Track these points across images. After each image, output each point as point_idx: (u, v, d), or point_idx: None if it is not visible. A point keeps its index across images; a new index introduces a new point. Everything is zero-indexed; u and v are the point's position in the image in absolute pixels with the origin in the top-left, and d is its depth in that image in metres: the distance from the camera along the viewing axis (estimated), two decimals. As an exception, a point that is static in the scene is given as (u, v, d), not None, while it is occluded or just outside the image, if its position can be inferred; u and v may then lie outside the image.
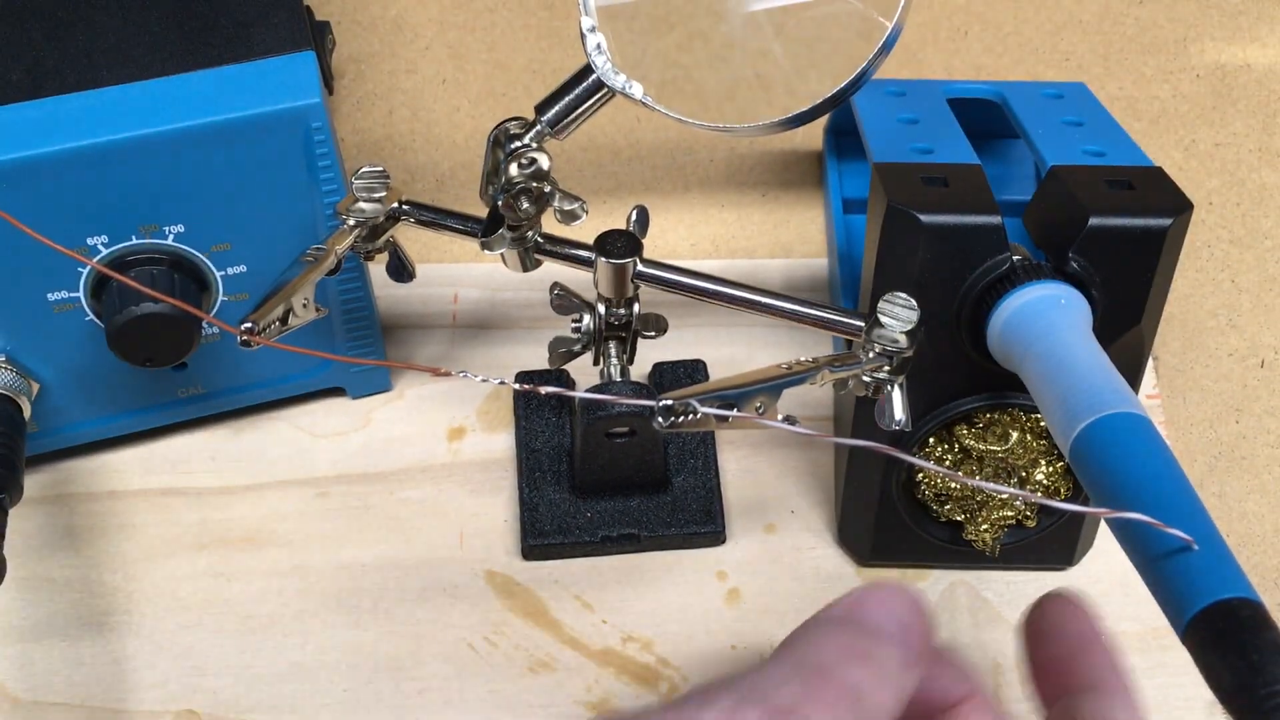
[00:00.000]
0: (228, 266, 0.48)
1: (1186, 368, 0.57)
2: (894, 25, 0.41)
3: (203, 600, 0.50)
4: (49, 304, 0.47)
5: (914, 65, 0.68)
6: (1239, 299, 0.59)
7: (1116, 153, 0.46)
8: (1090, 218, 0.41)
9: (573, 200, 0.44)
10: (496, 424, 0.55)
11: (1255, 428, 0.56)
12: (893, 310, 0.42)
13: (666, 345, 0.55)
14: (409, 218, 0.47)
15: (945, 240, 0.42)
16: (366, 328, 0.53)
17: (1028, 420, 0.46)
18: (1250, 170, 0.64)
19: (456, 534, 0.52)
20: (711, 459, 0.53)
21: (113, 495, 0.52)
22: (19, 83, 0.45)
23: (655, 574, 0.51)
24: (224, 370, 0.52)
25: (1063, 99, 0.51)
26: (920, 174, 0.44)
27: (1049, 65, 0.68)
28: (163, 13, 0.48)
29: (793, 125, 0.42)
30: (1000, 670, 0.48)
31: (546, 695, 0.47)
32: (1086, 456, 0.35)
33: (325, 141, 0.46)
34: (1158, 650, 0.49)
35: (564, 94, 0.44)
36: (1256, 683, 0.28)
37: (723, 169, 0.64)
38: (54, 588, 0.50)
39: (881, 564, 0.51)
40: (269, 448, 0.54)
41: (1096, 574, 0.51)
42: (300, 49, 0.47)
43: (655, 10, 0.44)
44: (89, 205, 0.45)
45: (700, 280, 0.45)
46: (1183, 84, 0.67)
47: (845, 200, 0.60)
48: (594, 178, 0.64)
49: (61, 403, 0.50)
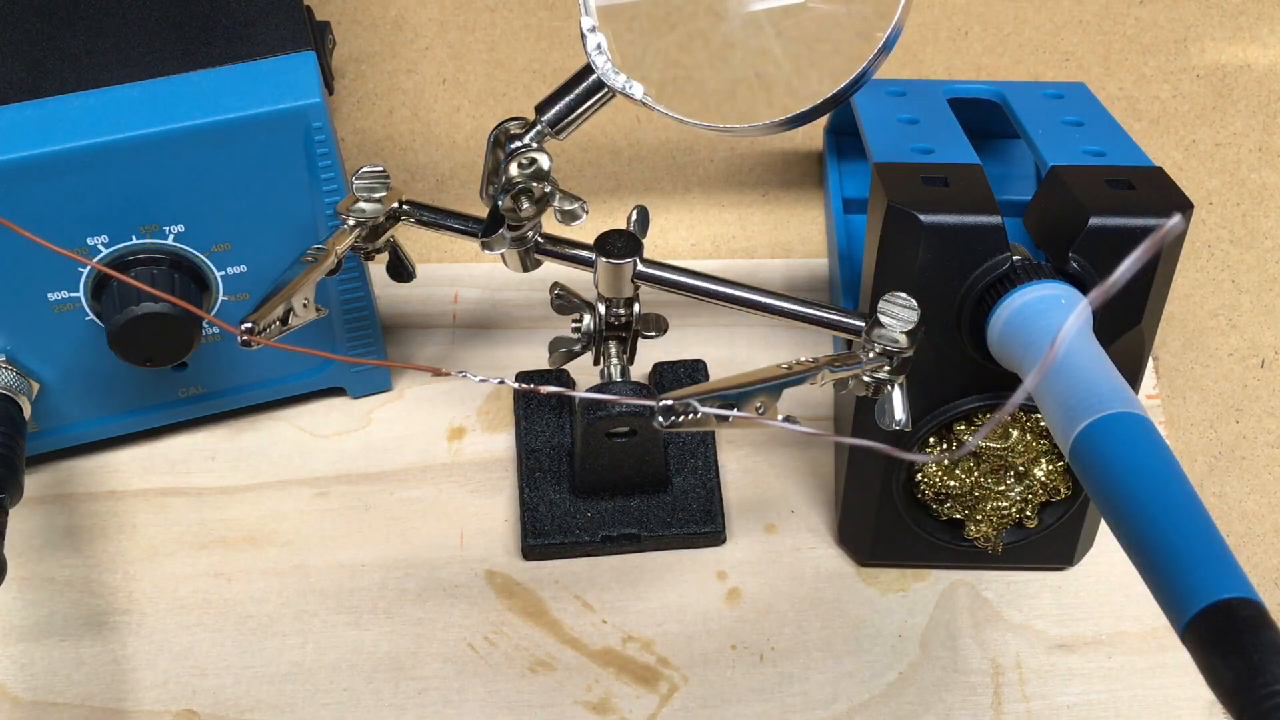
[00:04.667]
0: (228, 266, 0.48)
1: (1186, 368, 0.57)
2: (894, 25, 0.41)
3: (203, 600, 0.50)
4: (49, 304, 0.47)
5: (914, 65, 0.68)
6: (1239, 299, 0.59)
7: (1117, 153, 0.46)
8: (1090, 218, 0.41)
9: (573, 200, 0.44)
10: (497, 424, 0.55)
11: (1255, 428, 0.56)
12: (893, 310, 0.42)
13: (666, 345, 0.55)
14: (409, 218, 0.47)
15: (945, 240, 0.42)
16: (366, 328, 0.53)
17: (1028, 420, 0.46)
18: (1250, 170, 0.64)
19: (456, 534, 0.52)
20: (712, 459, 0.53)
21: (113, 495, 0.52)
22: (19, 83, 0.45)
23: (655, 574, 0.51)
24: (224, 370, 0.52)
25: (1063, 99, 0.51)
26: (920, 174, 0.44)
27: (1049, 65, 0.68)
28: (163, 12, 0.48)
29: (793, 125, 0.42)
30: (1000, 670, 0.48)
31: (546, 695, 0.47)
32: (1086, 456, 0.35)
33: (325, 141, 0.46)
34: (1158, 650, 0.49)
35: (564, 94, 0.44)
36: (1257, 682, 0.28)
37: (723, 169, 0.64)
38: (54, 588, 0.50)
39: (881, 563, 0.51)
40: (269, 448, 0.54)
41: (1097, 574, 0.51)
42: (300, 49, 0.47)
43: (655, 10, 0.44)
44: (89, 205, 0.45)
45: (700, 280, 0.45)
46: (1183, 84, 0.67)
47: (845, 200, 0.60)
48: (594, 178, 0.64)
49: (61, 403, 0.50)
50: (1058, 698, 0.48)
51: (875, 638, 0.49)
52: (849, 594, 0.50)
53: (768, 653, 0.49)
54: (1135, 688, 0.48)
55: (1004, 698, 0.48)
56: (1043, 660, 0.49)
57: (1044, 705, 0.47)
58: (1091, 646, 0.49)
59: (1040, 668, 0.48)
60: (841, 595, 0.50)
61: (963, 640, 0.49)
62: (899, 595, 0.50)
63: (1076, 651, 0.49)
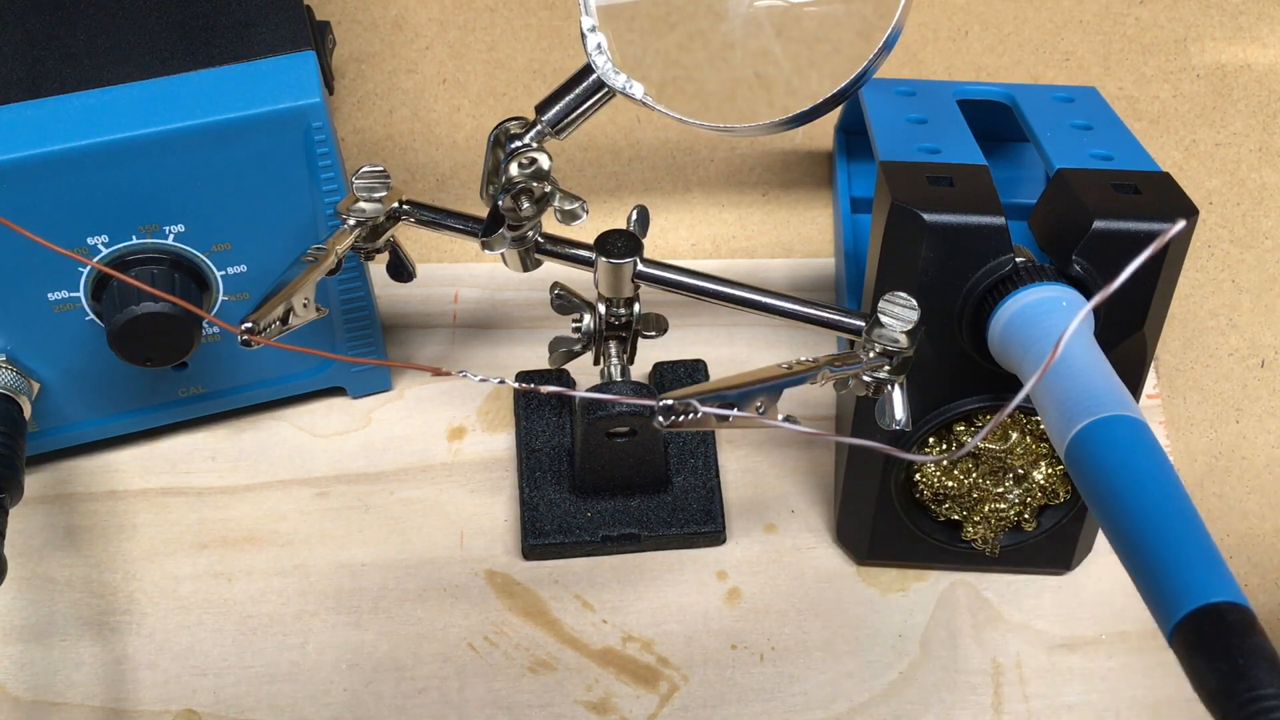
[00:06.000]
0: (228, 266, 0.48)
1: (1186, 368, 0.57)
2: (894, 25, 0.41)
3: (203, 600, 0.50)
4: (49, 304, 0.47)
5: (914, 65, 0.67)
6: (1239, 299, 0.59)
7: (1124, 157, 0.45)
8: (1094, 221, 0.41)
9: (573, 200, 0.44)
10: (497, 424, 0.55)
11: (1255, 428, 0.56)
12: (893, 310, 0.42)
13: (667, 345, 0.55)
14: (409, 217, 0.47)
15: (948, 239, 0.42)
16: (367, 327, 0.53)
17: (1028, 421, 0.46)
18: (1250, 170, 0.64)
19: (456, 534, 0.52)
20: (712, 459, 0.53)
21: (113, 495, 0.52)
22: (19, 82, 0.45)
23: (655, 574, 0.51)
24: (224, 370, 0.52)
25: (1073, 102, 0.51)
26: (926, 173, 0.44)
27: (1049, 65, 0.68)
28: (163, 12, 0.48)
29: (793, 125, 0.42)
30: (1000, 670, 0.48)
31: (546, 695, 0.47)
32: (1081, 459, 0.35)
33: (325, 141, 0.46)
34: (1157, 650, 0.49)
35: (564, 94, 0.44)
36: (1240, 687, 0.28)
37: (723, 169, 0.64)
38: (54, 588, 0.50)
39: (879, 563, 0.51)
40: (269, 448, 0.54)
41: (1098, 574, 0.51)
42: (300, 49, 0.47)
43: (655, 10, 0.44)
44: (89, 205, 0.45)
45: (701, 280, 0.45)
46: (1183, 84, 0.67)
47: (853, 199, 0.60)
48: (594, 178, 0.64)
49: (61, 403, 0.50)
50: (1058, 698, 0.48)
51: (875, 638, 0.49)
52: (849, 594, 0.50)
53: (768, 653, 0.49)
54: (1135, 688, 0.48)
55: (1004, 698, 0.48)
56: (1043, 660, 0.49)
57: (1044, 705, 0.47)
58: (1092, 646, 0.49)
59: (1040, 668, 0.48)
60: (842, 595, 0.50)
61: (963, 640, 0.49)
62: (899, 595, 0.50)
63: (1077, 651, 0.49)
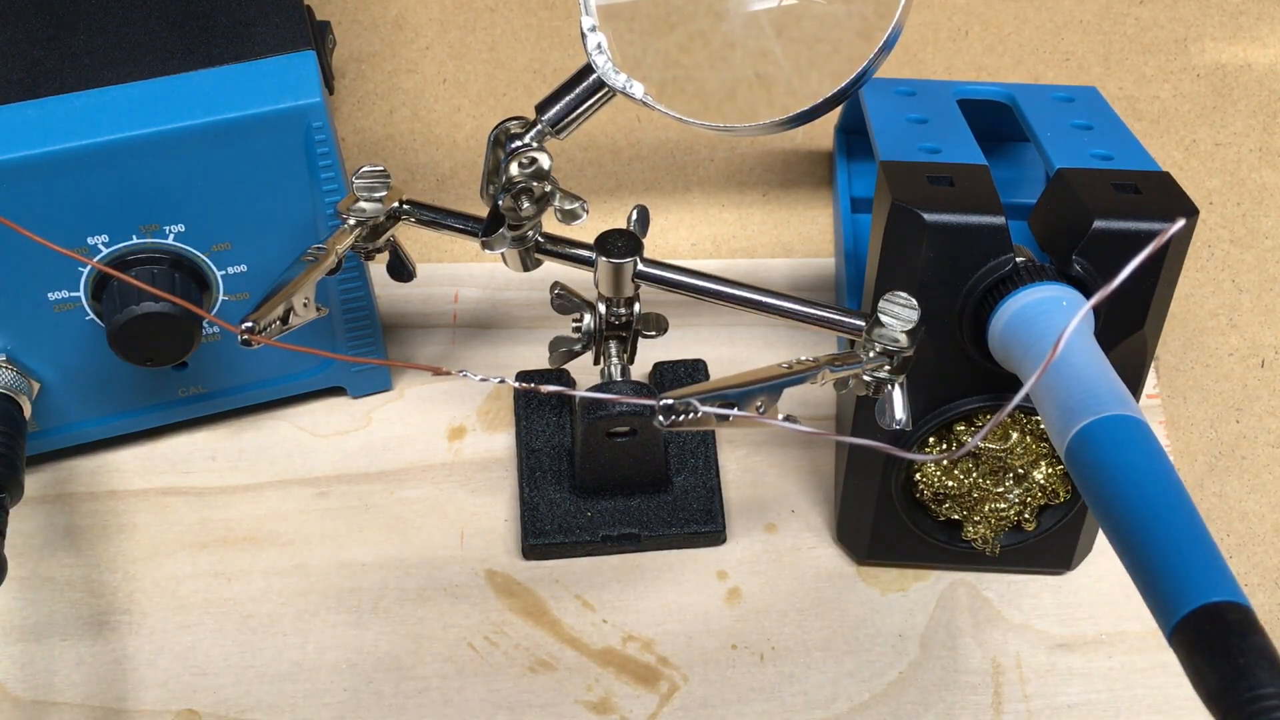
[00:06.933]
0: (228, 266, 0.48)
1: (1186, 368, 0.57)
2: (894, 25, 0.41)
3: (203, 600, 0.50)
4: (49, 303, 0.47)
5: (914, 65, 0.68)
6: (1239, 299, 0.59)
7: (1124, 157, 0.45)
8: (1095, 221, 0.41)
9: (573, 200, 0.44)
10: (497, 424, 0.55)
11: (1255, 428, 0.56)
12: (893, 309, 0.42)
13: (667, 345, 0.55)
14: (409, 217, 0.47)
15: (948, 239, 0.42)
16: (367, 327, 0.53)
17: (1028, 421, 0.46)
18: (1250, 170, 0.64)
19: (456, 534, 0.52)
20: (712, 459, 0.53)
21: (113, 495, 0.52)
22: (19, 82, 0.45)
23: (655, 573, 0.51)
24: (224, 370, 0.52)
25: (1074, 102, 0.51)
26: (926, 173, 0.44)
27: (1049, 65, 0.68)
28: (163, 12, 0.48)
29: (793, 125, 0.42)
30: (1000, 670, 0.48)
31: (546, 695, 0.47)
32: (1081, 458, 0.35)
33: (326, 141, 0.46)
34: (1157, 650, 0.49)
35: (564, 93, 0.44)
36: (1240, 686, 0.28)
37: (723, 169, 0.64)
38: (54, 588, 0.50)
39: (879, 563, 0.51)
40: (269, 448, 0.54)
41: (1098, 574, 0.51)
42: (300, 48, 0.47)
43: (655, 10, 0.44)
44: (89, 205, 0.45)
45: (701, 280, 0.45)
46: (1183, 84, 0.67)
47: (854, 199, 0.60)
48: (594, 178, 0.64)
49: (61, 403, 0.50)
50: (1058, 698, 0.48)
51: (875, 637, 0.49)
52: (849, 594, 0.50)
53: (768, 652, 0.49)
54: (1135, 688, 0.48)
55: (1004, 698, 0.48)
56: (1043, 660, 0.49)
57: (1044, 705, 0.47)
58: (1092, 646, 0.49)
59: (1040, 667, 0.48)
60: (842, 595, 0.50)
61: (963, 640, 0.49)
62: (899, 595, 0.50)
63: (1077, 651, 0.49)
